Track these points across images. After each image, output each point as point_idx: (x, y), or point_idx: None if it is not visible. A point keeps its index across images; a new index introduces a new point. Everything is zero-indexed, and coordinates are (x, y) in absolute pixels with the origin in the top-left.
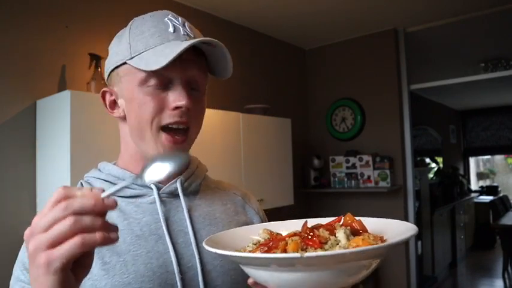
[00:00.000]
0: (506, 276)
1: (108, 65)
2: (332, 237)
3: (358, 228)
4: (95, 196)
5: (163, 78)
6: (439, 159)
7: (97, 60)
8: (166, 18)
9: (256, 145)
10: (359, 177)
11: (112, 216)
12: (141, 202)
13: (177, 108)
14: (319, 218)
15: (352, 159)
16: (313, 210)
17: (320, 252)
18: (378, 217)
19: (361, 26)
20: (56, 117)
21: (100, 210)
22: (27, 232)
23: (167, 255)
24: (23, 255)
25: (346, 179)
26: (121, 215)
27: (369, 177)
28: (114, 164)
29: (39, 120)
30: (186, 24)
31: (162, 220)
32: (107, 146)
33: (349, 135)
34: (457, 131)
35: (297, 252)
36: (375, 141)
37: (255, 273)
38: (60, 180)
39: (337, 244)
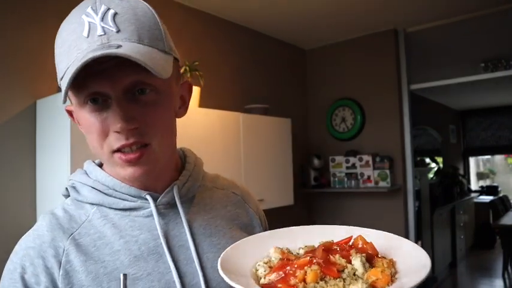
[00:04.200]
0: (506, 276)
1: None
2: (349, 266)
3: (371, 252)
4: None
5: (98, 96)
6: (439, 159)
7: None
8: (83, 15)
9: (256, 145)
10: (359, 177)
11: (106, 234)
12: (137, 215)
13: (117, 131)
14: (326, 226)
15: (352, 159)
16: (313, 210)
17: None
18: (377, 217)
19: (361, 26)
20: (56, 117)
21: None
22: None
23: (169, 275)
24: (9, 281)
25: (346, 179)
26: (116, 231)
27: (368, 177)
28: (100, 164)
29: (39, 120)
30: (109, 13)
31: (161, 237)
32: None
33: (349, 135)
34: (457, 131)
35: (316, 284)
36: (375, 141)
37: None
38: (60, 180)
39: (354, 273)
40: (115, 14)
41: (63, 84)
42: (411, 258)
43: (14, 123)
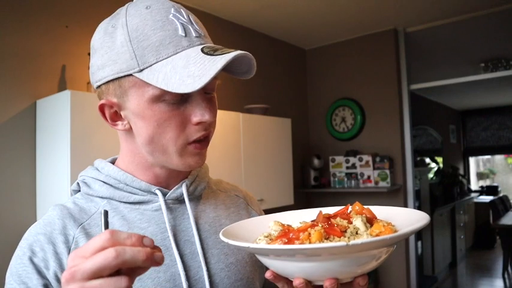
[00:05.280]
0: (506, 276)
1: (101, 72)
2: (351, 226)
3: (369, 216)
4: (146, 252)
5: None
6: (439, 159)
7: None
8: (170, 15)
9: (256, 145)
10: (359, 177)
11: (115, 225)
12: (145, 209)
13: (200, 123)
14: (325, 208)
15: (352, 159)
16: None
17: (364, 239)
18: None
19: (361, 26)
20: (56, 117)
21: (147, 266)
22: (66, 275)
23: (174, 268)
24: (17, 267)
25: (346, 179)
26: (125, 223)
27: (368, 177)
28: (112, 161)
29: (39, 120)
30: (191, 18)
31: (169, 231)
32: (107, 146)
33: (349, 135)
34: (457, 131)
35: (322, 242)
36: (375, 141)
37: (277, 265)
38: (60, 180)
39: (357, 232)
40: (196, 21)
41: (189, 81)
42: (409, 218)
43: (14, 123)
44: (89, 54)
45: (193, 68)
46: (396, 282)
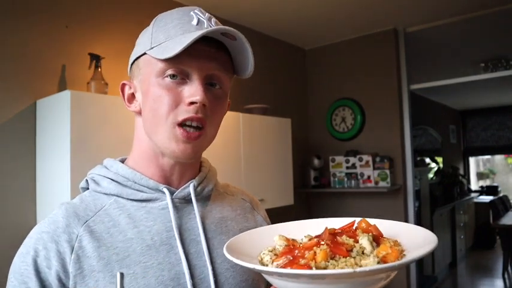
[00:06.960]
0: (506, 276)
1: (131, 58)
2: (357, 245)
3: (376, 234)
4: None
5: (180, 71)
6: (439, 159)
7: (97, 60)
8: (192, 12)
9: (256, 145)
10: (359, 177)
11: (121, 223)
12: (152, 207)
13: (192, 103)
14: (328, 219)
15: (352, 159)
16: (313, 210)
17: (373, 267)
18: (378, 217)
19: (361, 26)
20: (56, 117)
21: None
22: None
23: (179, 266)
24: (20, 265)
25: (346, 179)
26: (131, 221)
27: (368, 177)
28: (121, 160)
29: (39, 120)
30: (212, 19)
31: (175, 229)
32: (107, 146)
33: (349, 135)
34: (457, 131)
35: (327, 262)
36: (375, 141)
37: (281, 284)
38: (60, 180)
39: (363, 251)
40: (216, 22)
41: (177, 47)
42: (416, 238)
43: (14, 123)
44: (90, 54)
45: (183, 39)
46: (396, 282)
